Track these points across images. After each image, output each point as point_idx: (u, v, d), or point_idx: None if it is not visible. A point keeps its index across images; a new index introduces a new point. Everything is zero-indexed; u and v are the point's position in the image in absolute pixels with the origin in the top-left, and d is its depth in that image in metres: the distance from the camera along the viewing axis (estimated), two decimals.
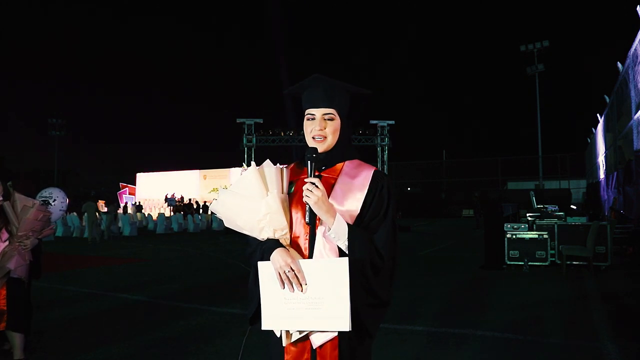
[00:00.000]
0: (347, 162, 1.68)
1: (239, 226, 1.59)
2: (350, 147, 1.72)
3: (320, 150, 1.62)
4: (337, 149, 1.67)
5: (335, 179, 1.64)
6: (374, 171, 1.66)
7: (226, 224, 1.63)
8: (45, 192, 4.38)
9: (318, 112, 1.65)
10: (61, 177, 46.91)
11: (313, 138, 1.64)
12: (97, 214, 17.26)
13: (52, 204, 4.30)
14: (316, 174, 1.57)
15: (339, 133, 1.66)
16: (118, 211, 27.92)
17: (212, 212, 1.66)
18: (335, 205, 1.55)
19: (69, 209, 23.40)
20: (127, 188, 39.55)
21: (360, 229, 1.56)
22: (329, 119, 1.65)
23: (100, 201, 34.97)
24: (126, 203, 35.28)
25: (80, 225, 20.57)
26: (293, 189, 1.65)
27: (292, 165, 1.74)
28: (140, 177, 39.65)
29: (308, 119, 1.67)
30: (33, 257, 4.05)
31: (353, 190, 1.61)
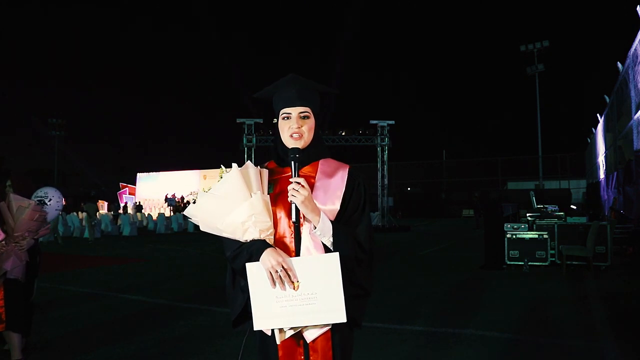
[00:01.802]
0: (321, 161, 1.74)
1: (219, 229, 1.58)
2: (323, 145, 1.77)
3: (298, 147, 1.66)
4: (312, 147, 1.71)
5: (314, 177, 1.69)
6: (349, 169, 1.73)
7: (202, 228, 1.62)
8: (41, 192, 4.36)
9: (294, 111, 1.68)
10: (61, 177, 46.93)
11: (290, 136, 1.67)
12: (97, 214, 17.39)
13: (48, 203, 4.28)
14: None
15: (313, 131, 1.71)
16: (119, 211, 27.93)
17: (186, 217, 1.63)
18: (318, 205, 1.59)
19: (69, 208, 23.43)
20: (127, 188, 39.53)
21: (342, 225, 1.62)
22: (304, 117, 1.69)
23: (100, 201, 35.05)
24: (126, 203, 35.30)
25: (81, 226, 20.59)
26: (272, 189, 1.67)
27: (267, 163, 1.77)
28: (140, 177, 39.65)
29: (284, 118, 1.70)
30: (30, 258, 4.04)
31: (333, 189, 1.67)
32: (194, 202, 1.60)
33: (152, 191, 37.40)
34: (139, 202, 34.47)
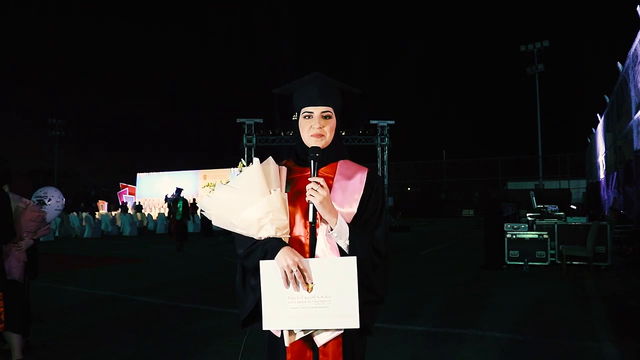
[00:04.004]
0: (340, 162, 1.70)
1: (234, 224, 1.54)
2: (342, 146, 1.74)
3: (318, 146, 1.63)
4: (332, 147, 1.68)
5: (333, 179, 1.65)
6: (368, 172, 1.69)
7: (215, 222, 1.58)
8: (41, 192, 4.32)
9: (316, 110, 1.64)
10: (61, 177, 46.91)
11: (311, 136, 1.63)
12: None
13: (47, 203, 4.24)
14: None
15: (334, 131, 1.68)
16: (116, 212, 27.89)
17: (200, 210, 1.59)
18: (335, 207, 1.56)
19: (69, 208, 23.43)
20: (127, 188, 39.49)
21: (359, 228, 1.58)
22: (326, 117, 1.65)
23: (100, 201, 35.03)
24: (126, 203, 35.25)
25: (80, 226, 20.59)
26: (290, 188, 1.63)
27: (285, 162, 1.73)
28: (140, 177, 39.62)
29: (305, 117, 1.66)
30: (29, 258, 4.02)
31: (351, 191, 1.63)
32: (210, 194, 1.55)
33: (152, 191, 37.37)
34: (139, 202, 34.44)
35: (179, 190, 13.59)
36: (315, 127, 1.63)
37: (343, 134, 22.78)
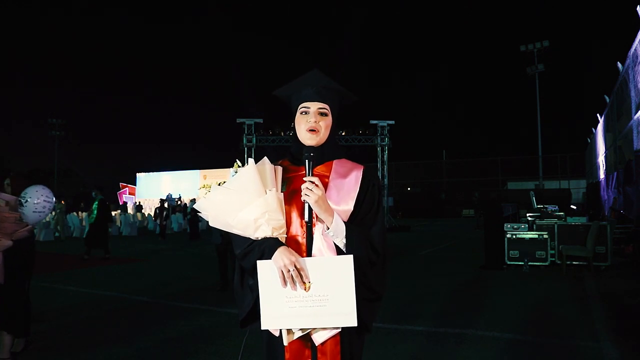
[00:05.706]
0: (335, 161, 1.71)
1: (230, 225, 1.55)
2: (338, 146, 1.75)
3: (312, 143, 1.65)
4: (327, 145, 1.69)
5: (328, 177, 1.66)
6: (364, 169, 1.70)
7: (212, 223, 1.59)
8: (24, 192, 4.16)
9: (313, 106, 1.66)
10: (61, 177, 46.90)
11: (307, 130, 1.64)
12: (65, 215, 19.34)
13: (24, 204, 4.05)
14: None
15: (330, 130, 1.68)
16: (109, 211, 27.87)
17: (196, 210, 1.60)
18: (331, 205, 1.57)
19: (70, 209, 23.36)
20: (127, 188, 39.49)
21: (356, 226, 1.59)
22: (322, 114, 1.66)
23: None
24: (126, 203, 35.25)
25: (81, 225, 20.57)
26: (285, 187, 1.64)
27: (280, 161, 1.74)
28: (140, 177, 39.64)
29: (301, 113, 1.67)
30: (16, 259, 3.86)
31: (347, 189, 1.64)
32: (205, 196, 1.57)
33: (152, 191, 37.38)
34: (139, 202, 34.44)
35: (99, 188, 12.59)
36: (311, 121, 1.64)
37: (343, 134, 22.84)
